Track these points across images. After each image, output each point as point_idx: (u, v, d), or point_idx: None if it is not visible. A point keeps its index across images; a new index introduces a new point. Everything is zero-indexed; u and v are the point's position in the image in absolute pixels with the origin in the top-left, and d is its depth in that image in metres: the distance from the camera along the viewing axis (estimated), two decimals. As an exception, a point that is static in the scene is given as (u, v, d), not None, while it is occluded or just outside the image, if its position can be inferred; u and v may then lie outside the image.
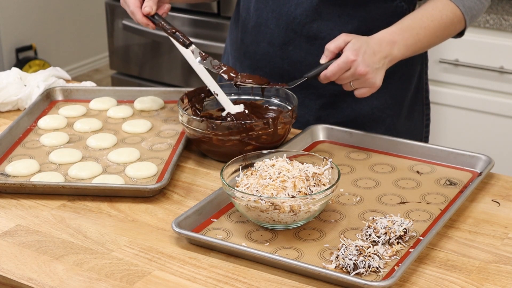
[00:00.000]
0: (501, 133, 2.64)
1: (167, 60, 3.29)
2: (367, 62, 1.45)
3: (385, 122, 1.70)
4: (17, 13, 4.38)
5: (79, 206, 1.37)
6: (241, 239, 1.25)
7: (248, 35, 1.69)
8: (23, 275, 1.18)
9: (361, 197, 1.37)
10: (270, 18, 1.64)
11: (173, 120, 1.69)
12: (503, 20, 2.53)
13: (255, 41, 1.68)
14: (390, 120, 1.70)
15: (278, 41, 1.65)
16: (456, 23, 1.57)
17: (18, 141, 1.60)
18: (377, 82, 1.48)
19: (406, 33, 1.51)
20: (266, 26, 1.65)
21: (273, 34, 1.65)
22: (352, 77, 1.46)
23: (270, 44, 1.66)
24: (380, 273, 1.15)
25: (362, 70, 1.45)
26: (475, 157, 1.47)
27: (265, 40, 1.66)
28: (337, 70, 1.45)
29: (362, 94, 1.49)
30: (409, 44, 1.52)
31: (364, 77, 1.46)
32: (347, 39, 1.47)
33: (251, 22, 1.68)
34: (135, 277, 1.17)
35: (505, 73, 2.57)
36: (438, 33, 1.56)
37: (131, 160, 1.50)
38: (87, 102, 1.78)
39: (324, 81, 1.48)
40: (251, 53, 1.70)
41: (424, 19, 1.54)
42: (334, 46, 1.47)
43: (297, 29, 1.62)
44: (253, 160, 1.36)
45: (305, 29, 1.62)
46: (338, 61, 1.45)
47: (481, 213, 1.33)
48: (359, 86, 1.48)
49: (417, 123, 1.78)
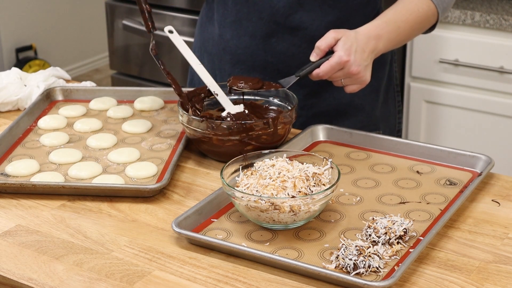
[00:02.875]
0: (501, 133, 2.64)
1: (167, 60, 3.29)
2: (359, 61, 1.49)
3: (365, 109, 1.75)
4: (17, 13, 4.38)
5: (79, 206, 1.37)
6: (241, 239, 1.25)
7: (227, 30, 1.71)
8: (23, 275, 1.18)
9: (361, 197, 1.37)
10: (252, 12, 1.67)
11: (173, 120, 1.69)
12: (503, 20, 2.53)
13: (235, 35, 1.70)
14: (369, 107, 1.75)
15: (260, 34, 1.67)
16: (431, 16, 1.61)
17: (18, 141, 1.60)
18: (368, 79, 1.52)
19: (389, 27, 1.55)
20: (247, 20, 1.68)
21: (255, 27, 1.67)
22: (344, 76, 1.50)
23: (252, 37, 1.68)
24: (380, 273, 1.15)
25: (355, 70, 1.49)
26: (475, 157, 1.47)
27: (247, 34, 1.69)
28: (329, 70, 1.49)
29: (352, 90, 1.54)
30: (391, 38, 1.56)
31: (356, 76, 1.50)
32: (337, 36, 1.49)
33: (230, 17, 1.70)
34: (135, 277, 1.17)
35: (505, 73, 2.57)
36: (415, 27, 1.60)
37: (131, 160, 1.50)
38: (87, 102, 1.78)
39: (316, 79, 1.51)
40: (231, 47, 1.71)
41: (403, 13, 1.57)
42: (325, 44, 1.49)
43: (279, 21, 1.65)
44: (253, 160, 1.36)
45: (288, 20, 1.65)
46: (331, 61, 1.48)
47: (481, 213, 1.33)
48: (350, 83, 1.53)
49: (391, 109, 1.84)
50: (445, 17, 2.61)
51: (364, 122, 1.74)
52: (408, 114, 2.84)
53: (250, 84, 1.56)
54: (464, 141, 2.71)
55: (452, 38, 2.64)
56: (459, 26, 2.62)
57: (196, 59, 1.59)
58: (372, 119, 1.76)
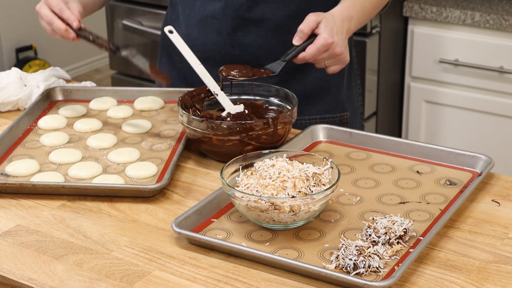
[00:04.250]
0: (501, 133, 2.64)
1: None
2: (341, 42, 1.55)
3: (331, 92, 1.80)
4: (17, 13, 4.38)
5: (79, 206, 1.37)
6: (241, 239, 1.25)
7: (194, 29, 1.76)
8: (23, 275, 1.18)
9: (361, 197, 1.37)
10: (217, 9, 1.71)
11: (173, 120, 1.69)
12: (503, 20, 2.53)
13: (202, 33, 1.75)
14: (335, 90, 1.81)
15: (226, 30, 1.72)
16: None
17: (18, 141, 1.60)
18: (348, 58, 1.59)
19: (356, 7, 1.62)
20: (213, 18, 1.72)
21: (221, 24, 1.72)
22: (328, 57, 1.56)
23: (219, 34, 1.73)
24: (380, 273, 1.15)
25: (339, 51, 1.54)
26: (475, 157, 1.47)
27: (213, 31, 1.73)
28: (316, 52, 1.53)
29: (334, 70, 1.60)
30: (360, 18, 1.63)
31: (339, 56, 1.56)
32: (318, 19, 1.54)
33: (197, 16, 1.75)
34: (135, 277, 1.17)
35: (505, 73, 2.57)
36: (376, 5, 1.68)
37: (131, 160, 1.50)
38: (87, 102, 1.78)
39: (301, 62, 1.56)
40: (199, 45, 1.75)
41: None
42: (308, 28, 1.54)
43: (243, 15, 1.70)
44: (253, 160, 1.36)
45: (251, 13, 1.69)
46: (316, 44, 1.53)
47: (481, 213, 1.33)
48: (332, 64, 1.58)
49: (354, 92, 1.90)
50: (445, 17, 2.62)
51: (332, 105, 1.80)
52: (408, 114, 2.84)
53: (243, 73, 1.57)
54: (464, 141, 2.71)
55: (452, 38, 2.64)
56: (459, 26, 2.62)
57: (196, 59, 1.59)
58: (340, 101, 1.82)
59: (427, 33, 2.68)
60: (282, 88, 1.60)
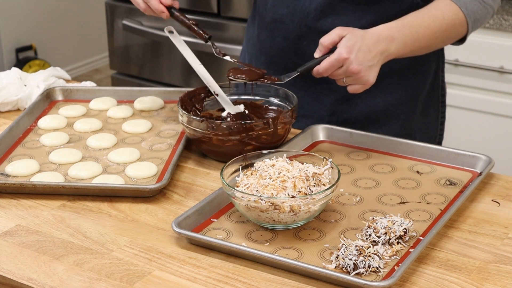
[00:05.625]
0: (501, 133, 2.65)
1: (167, 60, 3.29)
2: (360, 60, 1.43)
3: (399, 118, 1.69)
4: (17, 13, 4.38)
5: (79, 206, 1.37)
6: (241, 239, 1.25)
7: (264, 30, 1.70)
8: (23, 275, 1.18)
9: (361, 197, 1.37)
10: (285, 14, 1.65)
11: (173, 120, 1.69)
12: (503, 20, 2.53)
13: (270, 36, 1.69)
14: (405, 116, 1.69)
15: (292, 36, 1.65)
16: (458, 26, 1.54)
17: (18, 141, 1.60)
18: (370, 80, 1.46)
19: (405, 30, 1.49)
20: (281, 22, 1.66)
21: (288, 29, 1.65)
22: (344, 74, 1.45)
23: (285, 39, 1.66)
24: (380, 273, 1.15)
25: (355, 69, 1.43)
26: (475, 157, 1.47)
27: (280, 35, 1.67)
28: (329, 67, 1.44)
29: (355, 90, 1.48)
30: (407, 42, 1.49)
31: (357, 75, 1.44)
32: (342, 33, 1.45)
33: (267, 18, 1.69)
34: (135, 277, 1.17)
35: (505, 73, 2.57)
36: (438, 34, 1.53)
37: (131, 160, 1.50)
38: (87, 102, 1.78)
39: (317, 76, 1.47)
40: (266, 48, 1.70)
41: (425, 18, 1.51)
42: (328, 41, 1.45)
43: (311, 24, 1.62)
44: (253, 160, 1.36)
45: (319, 24, 1.62)
46: (330, 58, 1.44)
47: (481, 213, 1.33)
48: (351, 82, 1.47)
49: (432, 120, 1.77)
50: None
51: (398, 132, 1.68)
52: (408, 114, 2.84)
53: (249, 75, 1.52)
54: (464, 141, 2.71)
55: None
56: (459, 26, 2.62)
57: (196, 59, 1.59)
58: (407, 129, 1.70)
59: (427, 33, 2.67)
60: (282, 88, 1.60)
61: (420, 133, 1.71)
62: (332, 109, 1.68)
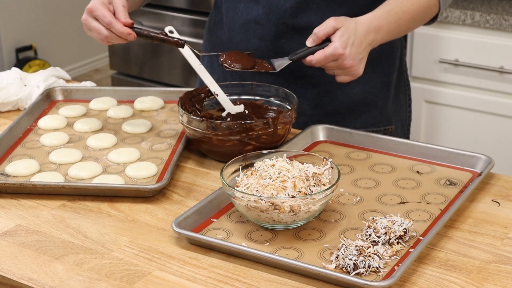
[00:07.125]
0: (501, 133, 2.64)
1: (167, 60, 3.29)
2: (353, 55, 1.47)
3: (377, 105, 1.74)
4: (17, 13, 4.38)
5: (79, 206, 1.37)
6: (241, 239, 1.25)
7: (236, 33, 1.71)
8: (23, 275, 1.18)
9: (361, 197, 1.37)
10: (260, 14, 1.66)
11: (173, 120, 1.69)
12: (503, 20, 2.53)
13: (244, 38, 1.70)
14: (381, 102, 1.74)
15: (269, 36, 1.67)
16: (432, 6, 1.59)
17: (18, 141, 1.60)
18: (360, 72, 1.51)
19: (390, 18, 1.53)
20: (256, 23, 1.67)
21: (264, 30, 1.67)
22: (336, 67, 1.49)
23: (262, 40, 1.68)
24: (380, 273, 1.15)
25: (349, 64, 1.47)
26: (475, 157, 1.47)
27: (256, 36, 1.68)
28: (323, 59, 1.47)
29: (342, 80, 1.52)
30: (391, 29, 1.54)
31: (349, 69, 1.48)
32: (336, 26, 1.47)
33: (239, 20, 1.70)
34: (135, 277, 1.17)
35: (505, 73, 2.57)
36: (416, 17, 1.57)
37: (131, 160, 1.50)
38: (87, 102, 1.78)
39: (308, 64, 1.50)
40: (242, 50, 1.70)
41: (404, 3, 1.55)
42: (323, 32, 1.47)
43: (288, 22, 1.64)
44: (253, 160, 1.36)
45: (296, 21, 1.64)
46: (326, 51, 1.46)
47: (481, 213, 1.33)
48: (341, 74, 1.51)
49: (402, 103, 1.83)
50: (445, 17, 2.61)
51: (377, 118, 1.74)
52: (408, 114, 2.84)
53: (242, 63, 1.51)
54: (464, 141, 2.71)
55: (452, 38, 2.64)
56: (459, 26, 2.62)
57: (196, 59, 1.59)
58: (384, 114, 1.75)
59: (427, 33, 2.67)
60: (282, 88, 1.60)
61: (394, 118, 1.77)
62: (314, 103, 1.71)
